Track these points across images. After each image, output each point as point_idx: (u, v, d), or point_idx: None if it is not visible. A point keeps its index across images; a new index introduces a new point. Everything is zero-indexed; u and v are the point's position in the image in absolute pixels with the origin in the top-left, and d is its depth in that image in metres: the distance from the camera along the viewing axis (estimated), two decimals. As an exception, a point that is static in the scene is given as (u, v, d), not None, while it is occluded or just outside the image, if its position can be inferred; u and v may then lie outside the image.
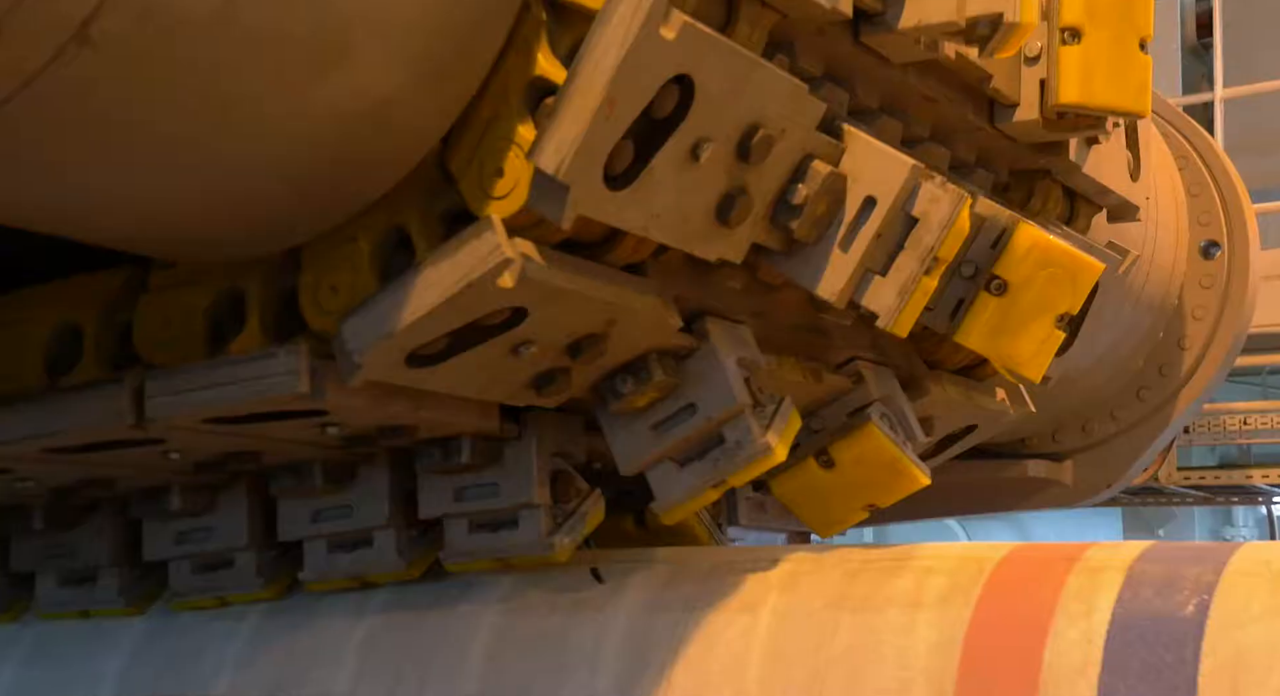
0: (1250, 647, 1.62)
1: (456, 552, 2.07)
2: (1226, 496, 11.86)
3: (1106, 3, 2.08)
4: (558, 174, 1.55)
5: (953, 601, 1.84)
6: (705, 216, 1.74)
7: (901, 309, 1.87)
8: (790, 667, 1.85)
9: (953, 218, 1.86)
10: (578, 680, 1.96)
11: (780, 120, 1.74)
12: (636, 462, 1.98)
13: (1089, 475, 3.94)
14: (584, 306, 1.73)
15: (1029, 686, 1.71)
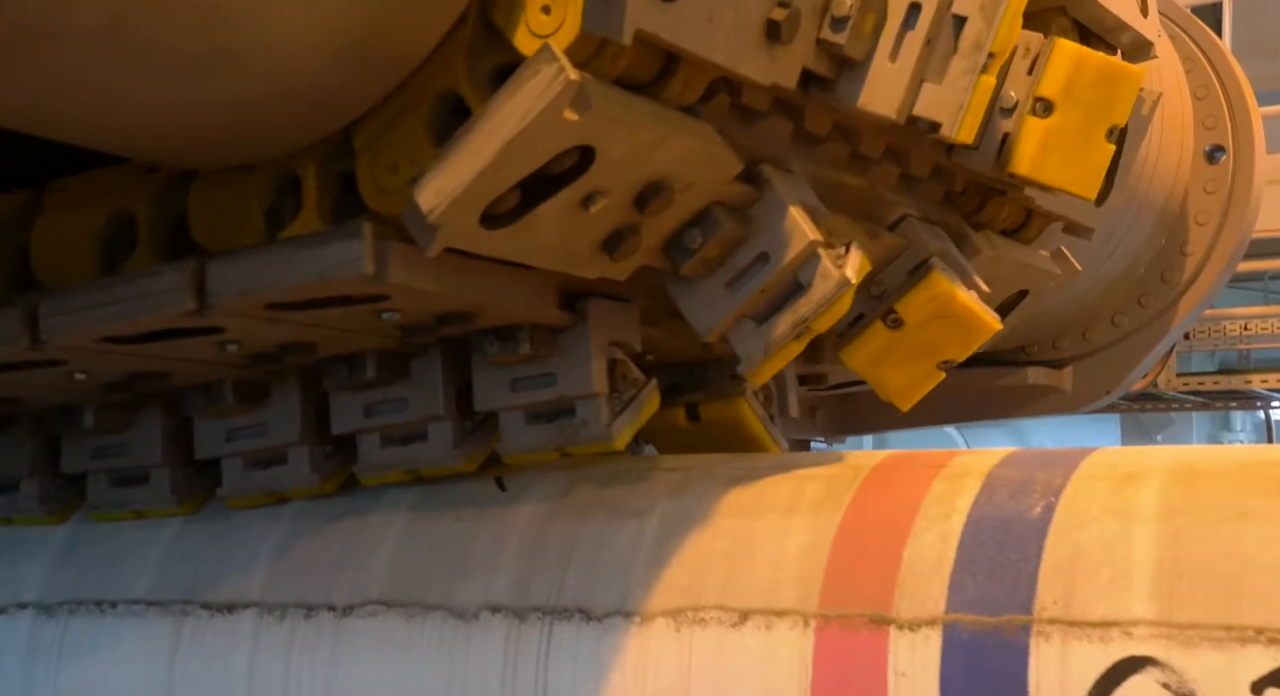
0: (1086, 545, 1.72)
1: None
2: (1225, 402, 11.89)
3: (1088, 83, 2.03)
4: (429, 217, 1.58)
5: (825, 507, 1.91)
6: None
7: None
8: (672, 569, 1.94)
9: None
10: (477, 581, 2.03)
11: (689, 177, 1.77)
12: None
13: (1088, 382, 4.00)
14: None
15: (888, 583, 1.79)
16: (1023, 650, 1.71)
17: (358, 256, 1.69)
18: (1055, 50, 1.99)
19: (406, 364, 2.10)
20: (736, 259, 1.93)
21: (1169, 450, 1.91)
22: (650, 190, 1.78)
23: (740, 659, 1.86)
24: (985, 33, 1.85)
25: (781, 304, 1.94)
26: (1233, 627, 1.61)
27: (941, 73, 1.87)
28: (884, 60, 1.85)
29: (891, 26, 1.85)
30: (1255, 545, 1.65)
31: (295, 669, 2.08)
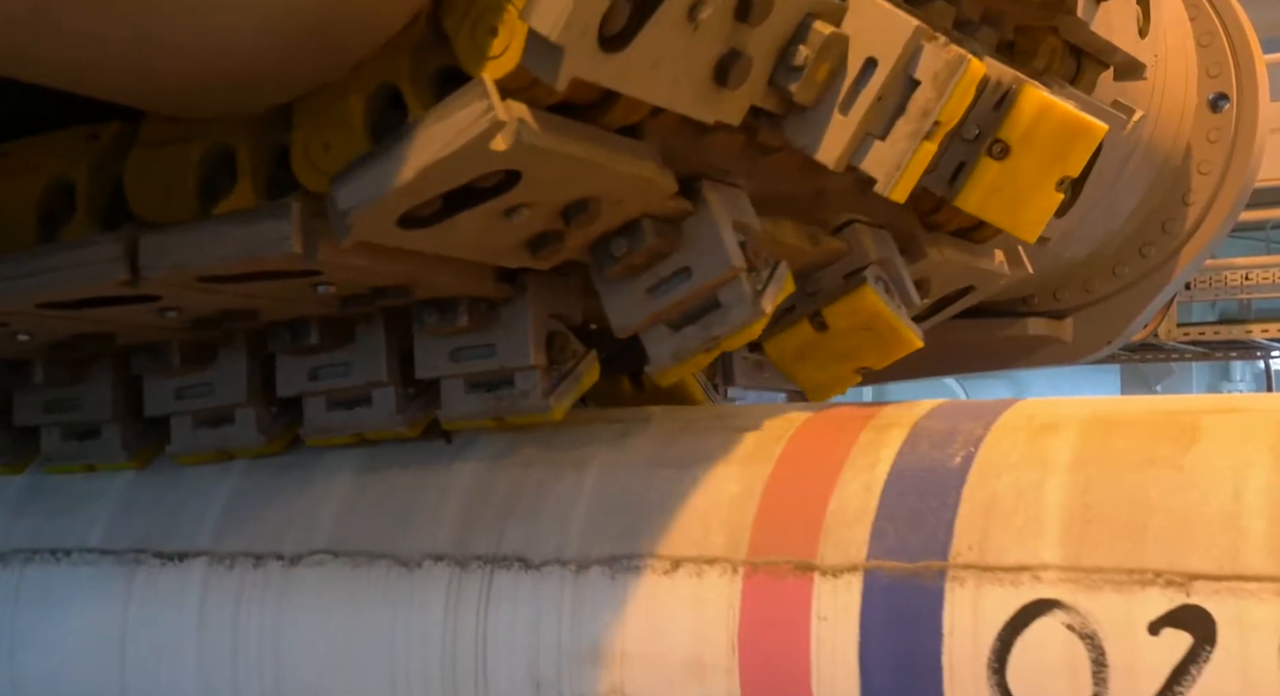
0: (1001, 493, 1.80)
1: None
2: (1225, 351, 11.99)
3: (1047, 133, 2.02)
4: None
5: (756, 458, 1.99)
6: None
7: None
8: (608, 519, 2.02)
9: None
10: (421, 531, 2.12)
11: (619, 196, 1.80)
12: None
13: (1089, 332, 4.02)
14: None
15: (813, 532, 1.88)
16: (938, 594, 1.80)
17: (285, 236, 1.74)
18: (1022, 96, 2.02)
19: (351, 329, 2.17)
20: (660, 268, 1.98)
21: (1087, 401, 1.99)
22: (578, 205, 1.83)
23: (671, 605, 1.95)
24: (934, 102, 1.88)
25: (697, 317, 2.01)
26: (1134, 571, 1.70)
27: (887, 131, 1.91)
28: (834, 109, 1.90)
29: (846, 78, 1.88)
30: (1158, 492, 1.73)
31: (244, 616, 2.18)
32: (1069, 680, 1.70)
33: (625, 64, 1.65)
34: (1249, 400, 1.87)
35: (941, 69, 1.86)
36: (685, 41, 1.69)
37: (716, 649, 1.91)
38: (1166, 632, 1.66)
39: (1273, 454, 1.71)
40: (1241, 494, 1.69)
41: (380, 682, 2.10)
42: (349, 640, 2.12)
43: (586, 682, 1.98)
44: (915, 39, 1.85)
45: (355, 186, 1.69)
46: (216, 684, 2.19)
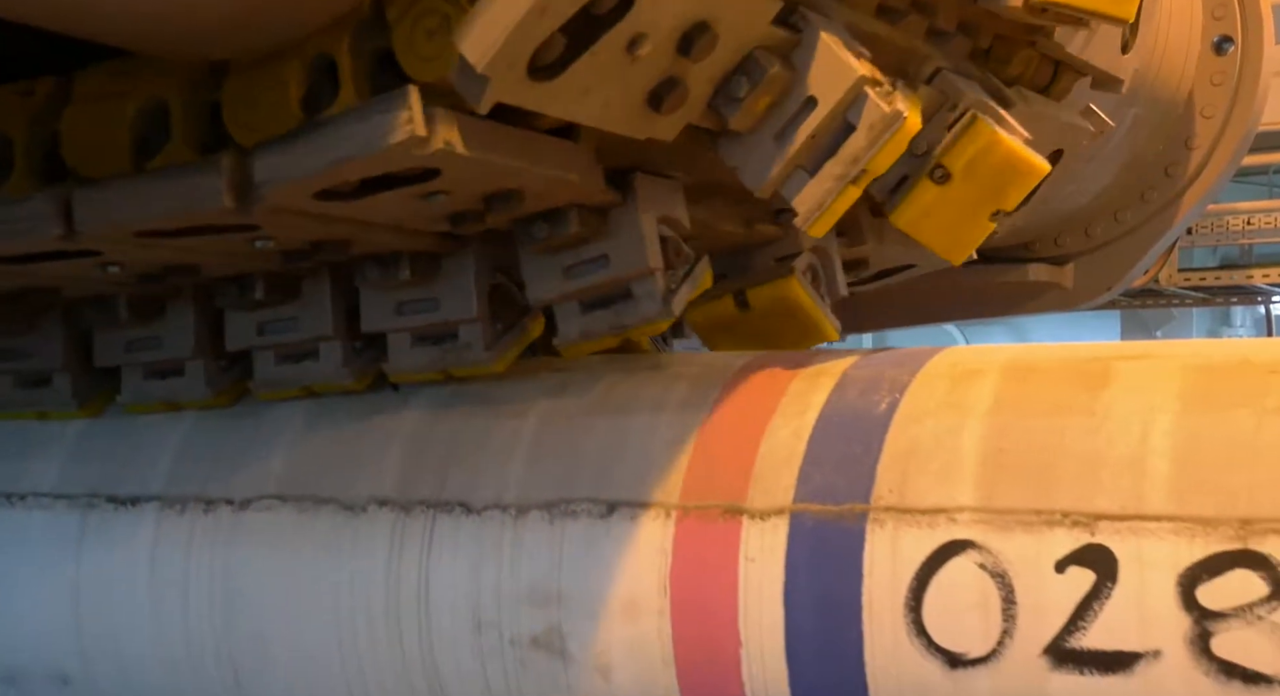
0: (922, 437, 1.89)
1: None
2: (1226, 297, 12.01)
3: (991, 167, 2.08)
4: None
5: (692, 404, 2.08)
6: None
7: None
8: (547, 465, 2.12)
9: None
10: (366, 477, 2.22)
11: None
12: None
13: (1090, 278, 4.09)
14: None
15: (744, 476, 1.97)
16: (860, 536, 1.89)
17: (217, 190, 1.80)
18: (973, 127, 2.07)
19: (297, 284, 2.25)
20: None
21: (1010, 348, 2.08)
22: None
23: (607, 548, 2.05)
24: (865, 151, 1.92)
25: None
26: (1042, 512, 1.79)
27: (816, 168, 1.95)
28: (769, 138, 1.95)
29: (785, 111, 1.93)
30: (1069, 436, 1.82)
31: (195, 559, 2.28)
32: (980, 617, 1.79)
33: (554, 91, 1.70)
34: (1161, 346, 1.95)
35: (877, 121, 1.90)
36: (621, 71, 1.75)
37: (649, 590, 2.01)
38: (1072, 570, 1.75)
39: (1179, 398, 1.80)
40: (1147, 437, 1.78)
41: (326, 624, 2.20)
42: (296, 582, 2.23)
43: (525, 623, 2.09)
44: (858, 87, 1.90)
45: (274, 163, 1.76)
46: (169, 625, 2.30)
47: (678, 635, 1.99)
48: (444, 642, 2.14)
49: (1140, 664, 1.69)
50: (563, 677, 2.07)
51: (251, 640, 2.25)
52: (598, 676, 2.04)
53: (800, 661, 1.91)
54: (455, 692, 2.15)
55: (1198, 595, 1.67)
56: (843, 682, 1.88)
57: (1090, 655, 1.72)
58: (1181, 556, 1.69)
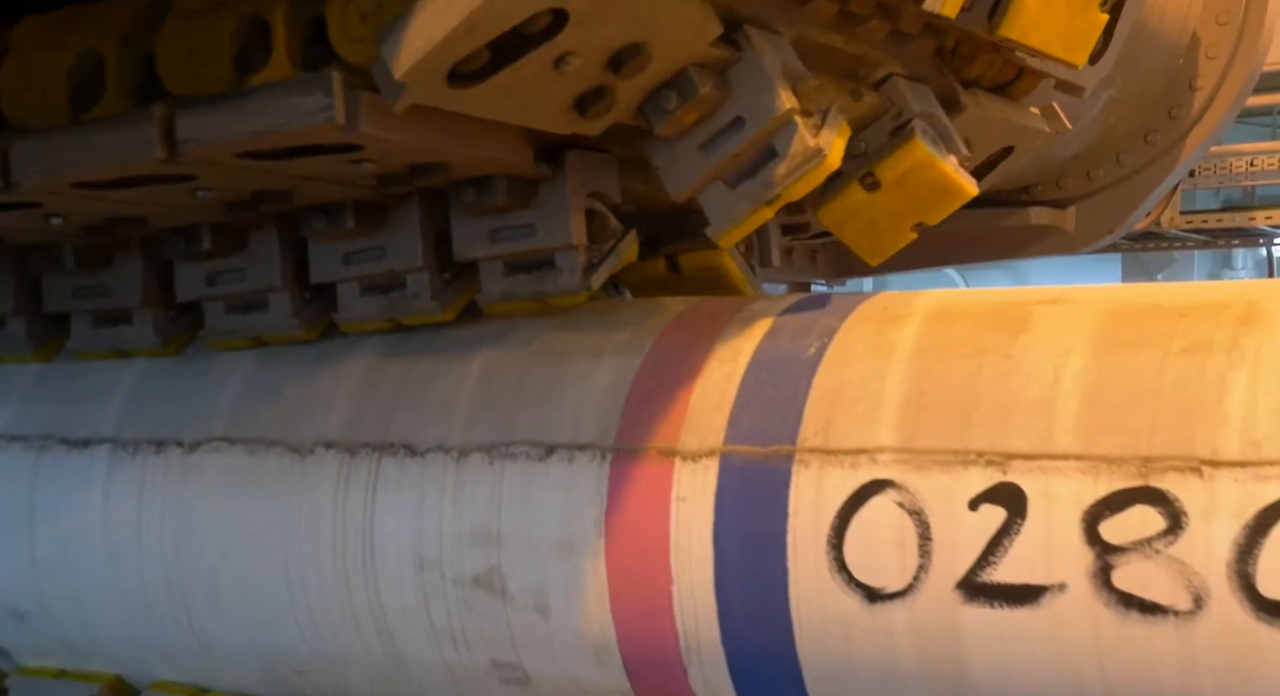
0: (848, 381, 1.98)
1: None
2: (1227, 239, 12.06)
3: (918, 184, 2.17)
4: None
5: (629, 350, 2.17)
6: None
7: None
8: (489, 408, 2.23)
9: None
10: (313, 420, 2.32)
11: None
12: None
13: (1091, 221, 4.07)
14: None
15: (677, 419, 2.07)
16: (786, 476, 1.99)
17: (149, 139, 1.84)
18: (908, 146, 2.17)
19: (244, 236, 2.32)
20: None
21: (936, 293, 2.16)
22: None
23: (545, 489, 2.14)
24: (783, 178, 1.99)
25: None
26: (959, 452, 1.88)
27: (735, 184, 2.03)
28: (695, 146, 2.02)
29: (713, 125, 2.00)
30: (986, 378, 1.91)
31: (147, 499, 2.39)
32: (898, 553, 1.89)
33: (474, 96, 1.76)
34: (1079, 291, 2.04)
35: (799, 153, 1.96)
36: (546, 83, 1.80)
37: (585, 529, 2.11)
38: (985, 508, 1.85)
39: (1090, 341, 1.89)
40: (1059, 379, 1.87)
41: (274, 562, 2.31)
42: (245, 522, 2.33)
43: (466, 562, 2.19)
44: (787, 116, 1.96)
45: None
46: (122, 562, 2.41)
47: (612, 573, 2.09)
48: (388, 581, 2.24)
49: (1046, 596, 1.79)
50: (502, 615, 2.17)
51: (203, 577, 2.36)
52: (536, 614, 2.15)
53: (729, 597, 2.02)
54: (400, 629, 2.26)
55: (1101, 530, 1.76)
56: (769, 617, 1.99)
57: (1000, 589, 1.82)
58: (1087, 493, 1.78)
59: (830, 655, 1.96)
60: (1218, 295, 1.90)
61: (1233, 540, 1.67)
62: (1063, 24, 2.19)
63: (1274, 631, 1.64)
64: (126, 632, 2.48)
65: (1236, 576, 1.67)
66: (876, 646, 1.91)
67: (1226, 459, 1.71)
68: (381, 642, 2.28)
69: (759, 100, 1.98)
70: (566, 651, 2.15)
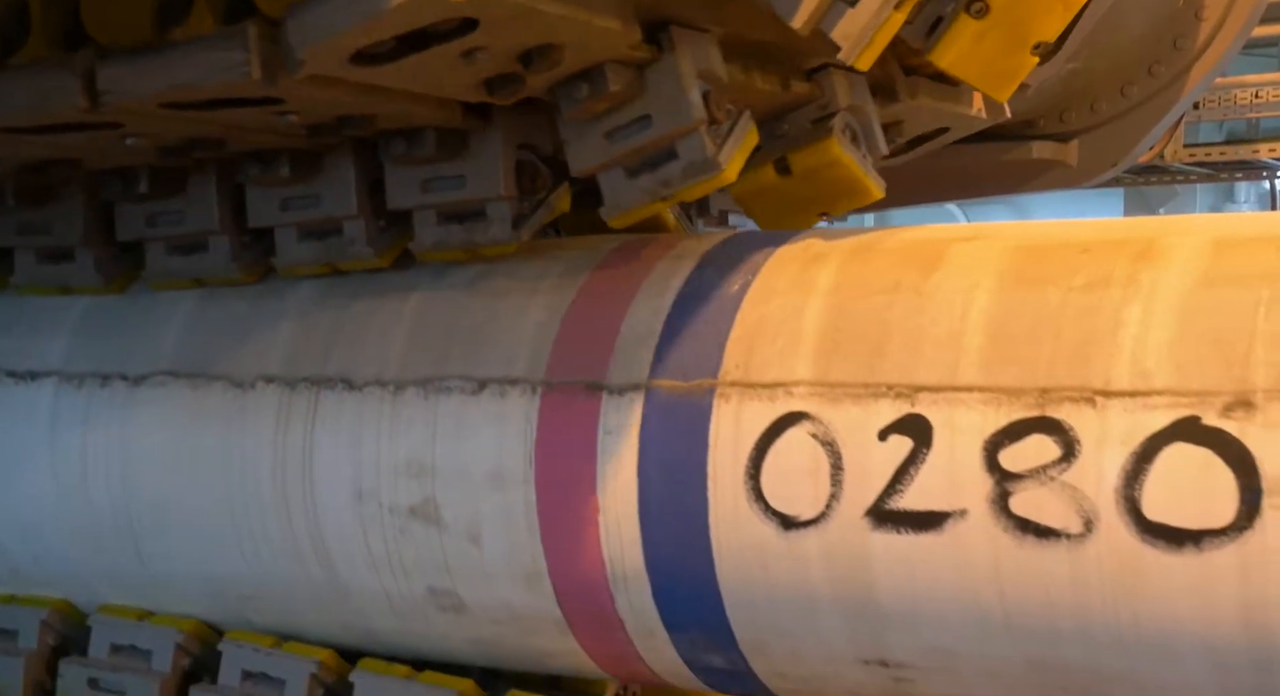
0: (768, 316, 2.09)
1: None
2: (1230, 172, 12.13)
3: (822, 175, 2.28)
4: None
5: (563, 286, 2.29)
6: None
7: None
8: (425, 343, 2.34)
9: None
10: (254, 354, 2.43)
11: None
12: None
13: (1095, 155, 4.11)
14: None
15: (605, 353, 2.18)
16: (707, 410, 2.10)
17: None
18: (822, 143, 2.29)
19: (183, 179, 2.40)
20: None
21: (859, 231, 2.27)
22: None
23: (477, 422, 2.26)
24: (679, 181, 2.13)
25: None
26: (869, 385, 2.00)
27: (634, 174, 2.14)
28: (600, 132, 2.12)
29: (620, 116, 2.10)
30: (898, 313, 2.02)
31: (93, 431, 2.50)
32: (811, 482, 2.01)
33: (377, 73, 1.83)
34: (994, 228, 2.14)
35: (699, 163, 2.09)
36: (453, 68, 1.86)
37: (515, 461, 2.22)
38: (893, 439, 1.97)
39: (998, 277, 2.00)
40: (966, 314, 1.97)
41: (218, 492, 2.43)
42: (189, 455, 2.45)
43: (402, 493, 2.31)
44: (694, 127, 2.07)
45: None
46: (69, 493, 2.53)
47: (542, 503, 2.21)
48: (328, 511, 2.37)
49: (949, 522, 1.91)
50: (437, 544, 2.30)
51: (149, 507, 2.48)
52: (469, 543, 2.28)
53: (652, 526, 2.14)
54: (339, 558, 2.39)
55: (1000, 459, 1.88)
56: (690, 545, 2.11)
57: (906, 515, 1.94)
58: (988, 423, 1.90)
59: (748, 581, 2.08)
60: (1120, 232, 2.01)
61: (1121, 466, 1.79)
62: (992, 62, 2.26)
63: (1157, 552, 1.77)
64: (74, 561, 2.61)
65: (1124, 500, 1.78)
66: (791, 572, 2.04)
67: (1118, 389, 1.82)
68: (322, 570, 2.42)
69: (670, 104, 2.07)
70: (499, 579, 2.27)
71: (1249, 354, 1.74)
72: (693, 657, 2.22)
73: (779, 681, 2.19)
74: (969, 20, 2.20)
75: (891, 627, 2.00)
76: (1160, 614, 1.78)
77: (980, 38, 2.21)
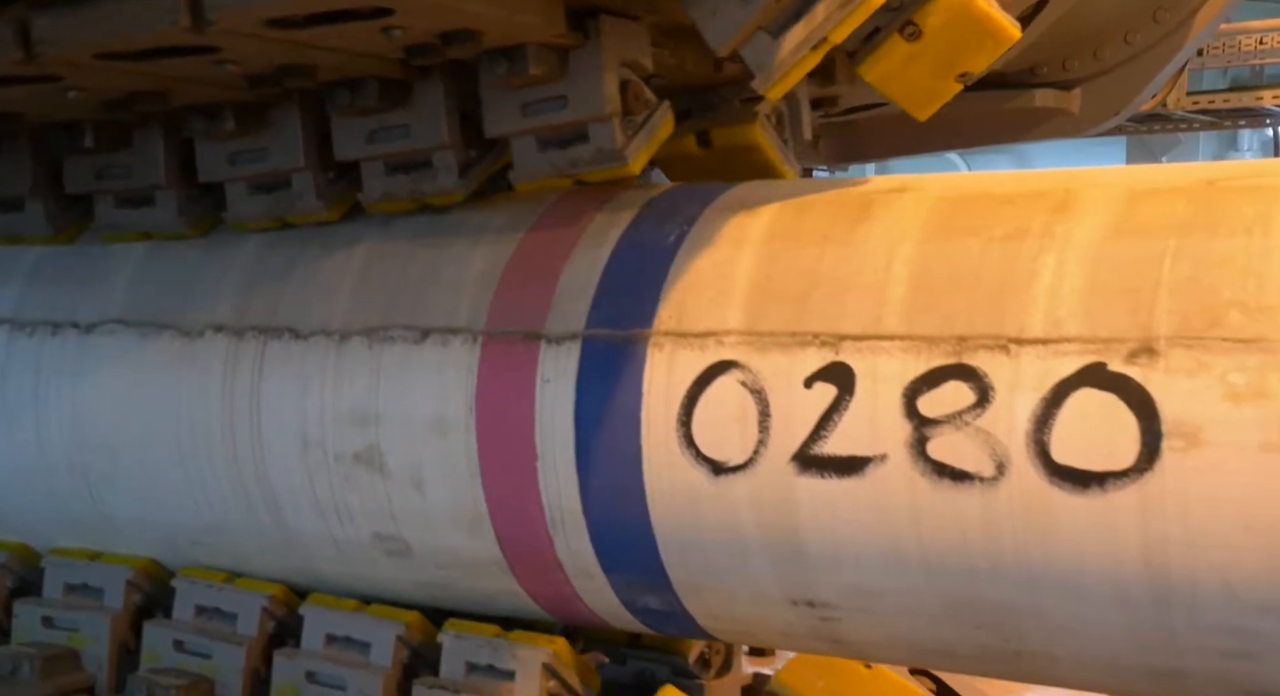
0: (703, 267, 2.20)
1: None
2: (1234, 120, 12.19)
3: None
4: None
5: (505, 236, 2.39)
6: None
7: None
8: (370, 293, 2.44)
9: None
10: (203, 304, 2.54)
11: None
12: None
13: (1098, 102, 4.15)
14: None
15: (544, 303, 2.28)
16: (641, 358, 2.20)
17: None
18: (745, 128, 2.45)
19: (130, 133, 2.47)
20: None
21: (795, 183, 2.37)
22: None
23: (420, 371, 2.35)
24: (585, 164, 2.28)
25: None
26: (797, 334, 2.10)
27: (543, 147, 2.30)
28: (516, 103, 2.25)
29: (538, 93, 2.25)
30: (827, 264, 2.11)
31: (44, 379, 2.59)
32: (740, 428, 2.11)
33: (298, 35, 1.90)
34: (922, 180, 2.23)
35: (607, 150, 2.24)
36: (371, 38, 1.94)
37: (457, 409, 2.32)
38: (818, 386, 2.07)
39: (922, 228, 2.09)
40: (891, 265, 2.07)
41: (168, 442, 2.53)
42: (139, 402, 2.55)
43: (346, 441, 2.41)
44: (607, 117, 2.21)
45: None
46: (22, 437, 2.62)
47: (483, 450, 2.32)
48: (275, 459, 2.47)
49: (870, 467, 2.01)
50: (382, 490, 2.41)
51: (100, 453, 2.58)
52: (412, 489, 2.39)
53: (589, 471, 2.24)
54: (287, 504, 2.50)
55: (919, 405, 1.98)
56: (625, 489, 2.21)
57: (829, 460, 2.04)
58: (908, 371, 1.99)
59: (680, 524, 2.19)
60: (1041, 183, 2.10)
61: (1031, 411, 1.89)
62: (917, 84, 2.31)
63: (1064, 493, 1.87)
64: (29, 506, 2.72)
65: (1034, 444, 1.89)
66: (721, 515, 2.15)
67: (1031, 337, 1.92)
68: (271, 516, 2.53)
69: (587, 91, 2.18)
70: (442, 524, 2.39)
71: (1154, 302, 1.85)
72: (630, 599, 2.33)
73: (713, 622, 2.31)
74: (900, 41, 2.25)
75: (816, 569, 2.10)
76: (1067, 552, 1.89)
77: (909, 60, 2.27)
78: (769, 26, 2.12)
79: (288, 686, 2.52)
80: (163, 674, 2.55)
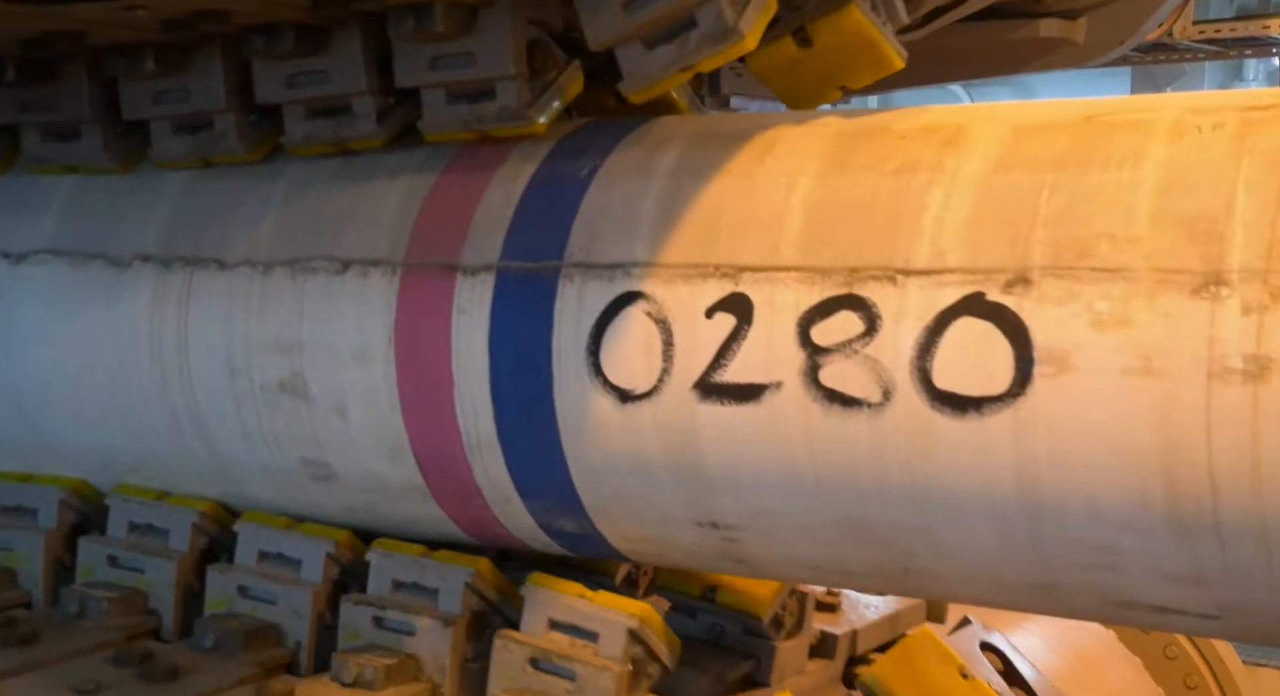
0: (613, 201, 2.31)
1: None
2: (1240, 49, 12.29)
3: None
4: None
5: (424, 171, 2.51)
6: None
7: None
8: (293, 225, 2.56)
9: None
10: (132, 235, 2.69)
11: None
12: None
13: (1103, 32, 4.19)
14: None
15: (460, 237, 2.42)
16: (552, 290, 2.33)
17: None
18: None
19: (55, 69, 2.56)
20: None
21: (703, 118, 2.51)
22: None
23: (341, 302, 2.47)
24: (491, 120, 2.45)
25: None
26: (699, 265, 2.23)
27: (451, 102, 2.46)
28: (424, 58, 2.40)
29: (445, 48, 2.38)
30: (730, 198, 2.23)
31: (-25, 308, 2.77)
32: (645, 358, 2.24)
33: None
34: (824, 115, 2.39)
35: (511, 108, 2.43)
36: None
37: (377, 339, 2.44)
38: (719, 316, 2.20)
39: (821, 163, 2.22)
40: (789, 198, 2.20)
41: (99, 370, 2.66)
42: (70, 332, 2.66)
43: (271, 369, 2.54)
44: (512, 77, 2.34)
45: None
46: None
47: (402, 379, 2.46)
48: (203, 387, 2.61)
49: (766, 394, 2.16)
50: (306, 417, 2.56)
51: (34, 381, 2.68)
52: (336, 416, 2.54)
53: (503, 400, 2.38)
54: (216, 431, 2.65)
55: (812, 334, 2.11)
56: (537, 417, 2.37)
57: (728, 388, 2.18)
58: (802, 301, 2.13)
59: (590, 449, 2.34)
60: (936, 118, 2.23)
61: (916, 339, 2.02)
62: (799, 86, 2.48)
63: (944, 417, 2.01)
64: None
65: (917, 371, 2.03)
66: (628, 441, 2.29)
67: (917, 268, 2.06)
68: (201, 443, 2.67)
69: (493, 51, 2.28)
70: (365, 450, 2.54)
71: (1030, 234, 1.98)
72: (546, 522, 2.50)
73: (625, 544, 2.48)
74: (791, 44, 2.38)
75: (718, 492, 2.26)
76: (948, 474, 2.03)
77: (795, 63, 2.39)
78: (645, 38, 2.24)
79: (220, 599, 2.69)
80: (96, 587, 2.72)
